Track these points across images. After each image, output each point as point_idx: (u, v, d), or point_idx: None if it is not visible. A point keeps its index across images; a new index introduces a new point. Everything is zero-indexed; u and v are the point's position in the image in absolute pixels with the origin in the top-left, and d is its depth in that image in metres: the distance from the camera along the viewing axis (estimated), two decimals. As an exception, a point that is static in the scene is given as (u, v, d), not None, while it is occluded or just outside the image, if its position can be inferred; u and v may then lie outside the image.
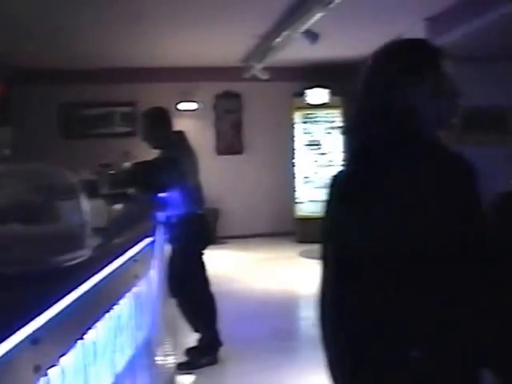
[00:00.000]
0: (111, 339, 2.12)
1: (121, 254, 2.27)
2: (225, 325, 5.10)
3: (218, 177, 10.51)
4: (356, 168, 1.73)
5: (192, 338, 4.98)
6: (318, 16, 6.04)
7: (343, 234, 1.67)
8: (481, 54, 7.34)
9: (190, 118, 10.45)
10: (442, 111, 1.74)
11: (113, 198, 3.53)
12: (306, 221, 9.84)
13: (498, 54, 7.44)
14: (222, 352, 4.98)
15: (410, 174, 1.64)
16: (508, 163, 7.23)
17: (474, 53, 7.23)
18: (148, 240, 3.00)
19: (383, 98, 1.72)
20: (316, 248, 1.82)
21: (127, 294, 2.39)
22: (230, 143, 11.12)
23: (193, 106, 10.70)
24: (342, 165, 1.78)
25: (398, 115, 1.70)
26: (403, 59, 1.75)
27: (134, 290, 2.53)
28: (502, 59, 7.60)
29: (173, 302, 4.92)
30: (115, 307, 2.17)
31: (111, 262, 2.11)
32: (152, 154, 4.93)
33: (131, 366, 2.42)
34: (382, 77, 1.75)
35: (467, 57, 7.18)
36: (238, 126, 11.14)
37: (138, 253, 2.63)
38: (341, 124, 2.16)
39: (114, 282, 2.15)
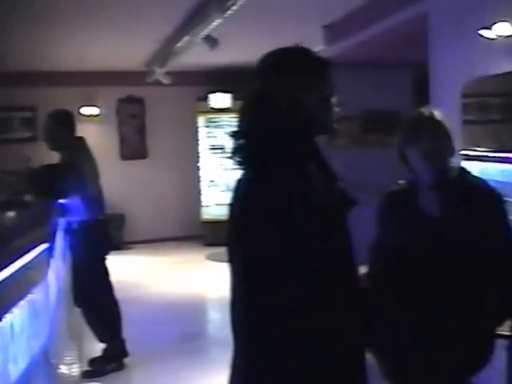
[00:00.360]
0: (3, 349, 2.09)
1: (12, 262, 2.23)
2: (132, 330, 5.08)
3: (123, 182, 10.40)
4: (256, 171, 1.76)
5: (98, 347, 4.93)
6: (217, 22, 6.09)
7: (248, 236, 1.69)
8: (377, 60, 7.60)
9: (93, 123, 10.25)
10: (327, 119, 1.81)
11: (8, 205, 3.46)
12: (213, 224, 9.89)
13: (392, 61, 7.73)
14: (130, 357, 4.96)
15: (305, 178, 1.72)
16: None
17: (371, 59, 7.48)
18: (44, 246, 2.95)
19: (269, 108, 1.75)
20: (222, 251, 1.85)
21: (21, 302, 2.35)
22: (133, 148, 11.00)
23: (95, 110, 10.52)
24: (239, 168, 1.80)
25: (285, 124, 1.73)
26: (289, 70, 1.77)
27: (29, 297, 2.50)
28: (397, 65, 7.92)
29: (78, 310, 4.87)
30: (7, 316, 2.13)
31: (1, 269, 2.08)
32: (54, 160, 4.86)
33: (27, 376, 2.39)
34: (268, 85, 1.79)
35: (364, 63, 7.45)
36: (141, 131, 11.05)
37: (32, 260, 2.59)
38: (232, 128, 2.18)
39: (4, 290, 2.11)
